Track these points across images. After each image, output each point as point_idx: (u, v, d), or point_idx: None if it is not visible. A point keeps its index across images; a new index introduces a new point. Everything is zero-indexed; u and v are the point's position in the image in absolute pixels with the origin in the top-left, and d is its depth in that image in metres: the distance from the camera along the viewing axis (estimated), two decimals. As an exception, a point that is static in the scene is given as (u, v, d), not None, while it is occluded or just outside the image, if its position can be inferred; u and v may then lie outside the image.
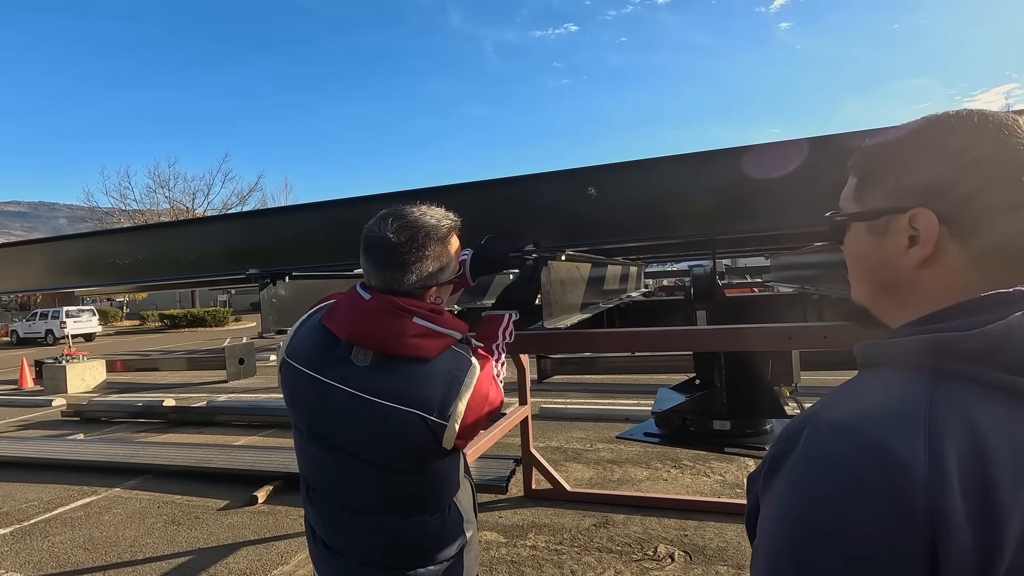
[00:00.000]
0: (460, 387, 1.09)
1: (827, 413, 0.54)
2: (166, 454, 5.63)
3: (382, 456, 1.11)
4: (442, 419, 1.07)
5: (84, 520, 4.31)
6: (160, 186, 35.04)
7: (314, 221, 1.81)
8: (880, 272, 0.63)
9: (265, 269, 1.76)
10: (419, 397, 1.07)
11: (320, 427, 1.14)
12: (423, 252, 1.12)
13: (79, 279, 1.99)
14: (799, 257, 3.25)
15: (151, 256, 1.88)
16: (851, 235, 0.66)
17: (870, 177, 0.64)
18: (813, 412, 0.55)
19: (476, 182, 1.55)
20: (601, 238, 1.48)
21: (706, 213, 1.44)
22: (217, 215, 3.98)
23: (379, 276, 1.13)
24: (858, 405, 0.53)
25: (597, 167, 1.42)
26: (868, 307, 0.67)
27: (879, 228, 0.62)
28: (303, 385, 1.13)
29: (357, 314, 1.11)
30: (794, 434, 0.55)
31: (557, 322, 1.58)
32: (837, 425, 0.52)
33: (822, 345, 1.60)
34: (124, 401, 8.77)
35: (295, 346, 1.18)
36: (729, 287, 6.65)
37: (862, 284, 0.67)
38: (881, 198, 0.62)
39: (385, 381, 1.08)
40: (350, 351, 1.10)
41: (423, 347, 1.09)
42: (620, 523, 3.72)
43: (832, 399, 0.56)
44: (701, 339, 1.67)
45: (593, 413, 6.50)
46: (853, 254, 0.67)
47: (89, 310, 26.66)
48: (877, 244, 0.62)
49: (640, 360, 7.24)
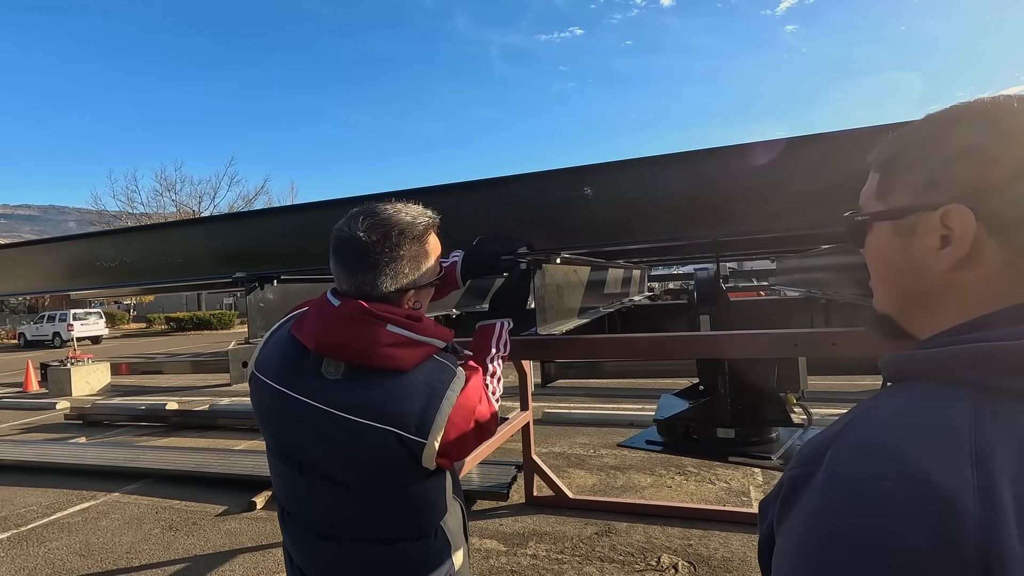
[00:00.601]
0: (440, 400, 1.00)
1: (855, 432, 0.47)
2: (166, 458, 5.60)
3: (356, 478, 1.02)
4: (420, 436, 0.97)
5: (81, 525, 4.28)
6: (167, 189, 35.31)
7: (304, 223, 1.76)
8: (908, 277, 0.56)
9: (252, 272, 1.71)
10: (394, 413, 0.97)
11: (290, 446, 1.06)
12: (397, 252, 1.02)
13: (65, 283, 1.95)
14: (805, 260, 3.17)
15: (137, 259, 1.83)
16: (874, 236, 0.60)
17: (895, 171, 0.58)
18: (837, 431, 0.49)
19: (467, 182, 1.49)
20: (598, 240, 1.42)
21: (708, 214, 1.37)
22: (204, 217, 3.96)
23: (350, 280, 1.04)
24: (891, 423, 0.46)
25: (593, 166, 1.36)
26: (894, 316, 0.60)
27: (906, 228, 0.55)
28: (271, 400, 1.05)
29: (326, 323, 1.02)
30: (815, 456, 0.48)
31: (552, 328, 1.52)
32: (868, 446, 0.45)
33: (830, 352, 1.53)
34: (127, 404, 8.77)
35: (264, 358, 1.10)
36: (735, 290, 6.57)
37: (887, 290, 0.60)
38: (908, 194, 0.55)
39: (357, 395, 0.99)
40: (320, 363, 1.02)
41: (398, 357, 1.00)
42: (623, 531, 3.64)
43: (859, 416, 0.49)
44: (703, 346, 1.60)
45: (597, 418, 6.42)
46: (877, 257, 0.61)
47: (96, 312, 26.81)
48: (904, 245, 0.56)
49: (645, 364, 7.12)
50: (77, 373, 10.81)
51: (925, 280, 0.55)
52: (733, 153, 1.32)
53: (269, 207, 14.41)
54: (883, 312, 0.62)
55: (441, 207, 1.18)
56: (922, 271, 0.55)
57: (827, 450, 0.48)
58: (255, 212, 1.96)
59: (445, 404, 1.00)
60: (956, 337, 0.50)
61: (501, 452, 4.94)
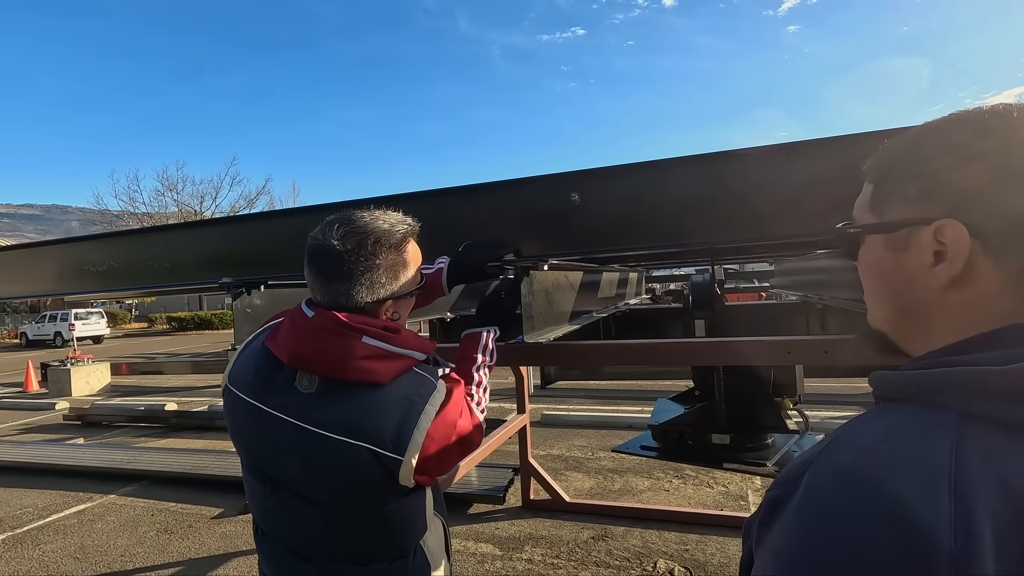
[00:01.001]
0: (419, 415, 0.96)
1: (831, 456, 0.46)
2: (163, 460, 5.59)
3: (330, 496, 0.98)
4: (396, 453, 0.94)
5: (77, 528, 4.27)
6: (168, 189, 35.34)
7: (292, 228, 1.74)
8: (901, 293, 0.54)
9: (239, 278, 1.69)
10: (369, 428, 0.94)
11: (262, 462, 1.02)
12: (373, 261, 0.99)
13: (53, 287, 1.93)
14: (803, 263, 3.15)
15: (125, 263, 1.81)
16: (867, 250, 0.58)
17: (889, 183, 0.55)
18: (815, 453, 0.47)
19: (454, 188, 1.47)
20: (586, 247, 1.39)
21: (700, 221, 1.35)
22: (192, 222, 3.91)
23: (325, 290, 1.00)
24: (869, 448, 0.45)
25: (580, 172, 1.33)
26: (887, 332, 0.58)
27: (899, 242, 0.53)
28: (244, 415, 1.02)
29: (299, 334, 0.99)
30: (794, 477, 0.47)
31: (540, 335, 1.50)
32: (842, 472, 0.43)
33: (822, 360, 1.51)
34: (126, 405, 8.77)
35: (237, 370, 1.07)
36: (735, 291, 6.53)
37: (880, 306, 0.58)
38: (902, 207, 0.53)
39: (332, 410, 0.95)
40: (294, 376, 0.98)
41: (374, 370, 0.96)
42: (619, 536, 3.62)
43: (838, 439, 0.47)
44: (695, 352, 1.58)
45: (596, 420, 6.40)
46: (870, 272, 0.58)
47: (98, 312, 26.84)
48: (897, 261, 0.53)
49: (644, 367, 7.10)
50: (77, 373, 10.82)
51: (918, 297, 0.52)
52: (725, 159, 1.29)
53: (256, 212, 14.36)
54: (876, 328, 0.59)
55: (425, 214, 1.15)
56: (915, 288, 0.52)
57: (804, 472, 0.46)
58: (243, 217, 1.95)
59: (423, 419, 0.96)
60: (945, 359, 0.48)
61: (498, 455, 4.91)
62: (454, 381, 1.08)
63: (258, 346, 1.07)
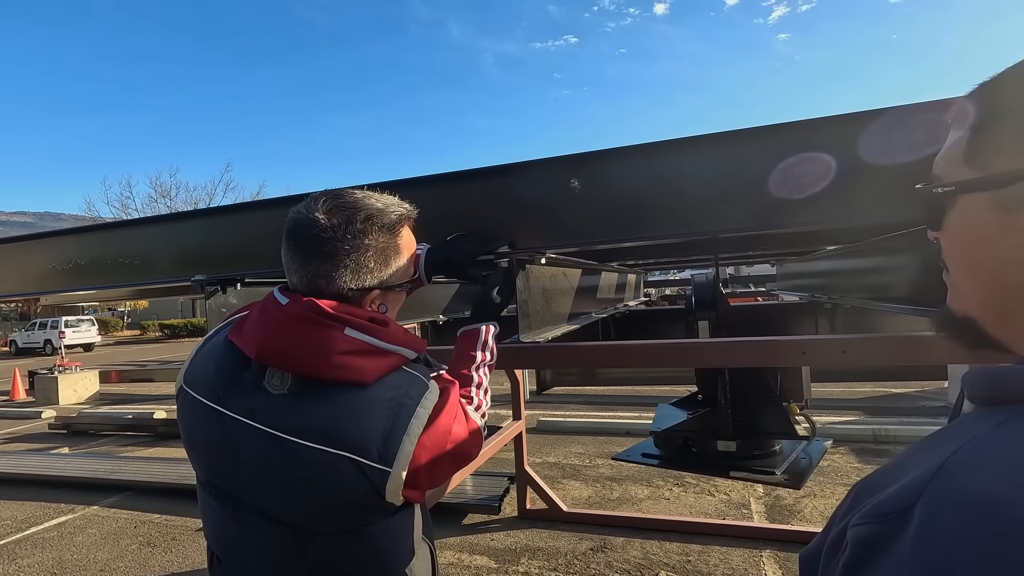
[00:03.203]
0: (409, 419, 0.83)
1: (961, 481, 0.33)
2: (149, 470, 5.43)
3: (303, 517, 0.84)
4: (383, 464, 0.80)
5: (56, 541, 4.11)
6: (162, 195, 35.06)
7: (270, 220, 1.61)
8: (1011, 267, 0.42)
9: (213, 275, 1.57)
10: (351, 435, 0.80)
11: (222, 478, 0.88)
12: (362, 240, 0.86)
13: (11, 287, 1.80)
14: (807, 264, 3.05)
15: (90, 261, 1.69)
16: (960, 213, 0.46)
17: (995, 124, 0.43)
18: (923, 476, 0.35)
19: (442, 174, 1.35)
20: (586, 238, 1.28)
21: (707, 208, 1.24)
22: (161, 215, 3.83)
23: (302, 271, 0.87)
24: (1013, 468, 0.33)
25: (579, 155, 1.22)
26: (980, 319, 0.46)
27: (1012, 200, 0.41)
28: (201, 420, 0.87)
29: (270, 324, 0.85)
30: (896, 509, 0.35)
31: (537, 335, 1.39)
32: (988, 503, 0.31)
33: (840, 361, 1.40)
34: (114, 413, 8.57)
35: (194, 369, 0.92)
36: (732, 296, 6.44)
37: (976, 286, 0.46)
38: (1017, 155, 0.41)
39: (307, 414, 0.82)
40: (262, 374, 0.84)
41: (357, 367, 0.83)
42: (619, 547, 3.49)
43: (961, 458, 0.35)
44: (701, 354, 1.47)
45: (593, 426, 6.27)
46: (963, 242, 0.46)
47: (88, 320, 26.55)
48: (1008, 224, 0.42)
49: (644, 371, 6.98)
50: (65, 381, 10.62)
51: None
52: (733, 140, 1.19)
53: (232, 203, 14.12)
54: (965, 314, 0.47)
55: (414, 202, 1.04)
56: None
57: (915, 503, 0.34)
58: (216, 209, 1.83)
59: (415, 424, 0.83)
60: None
61: (494, 463, 4.79)
62: (448, 382, 0.95)
63: (220, 341, 0.93)
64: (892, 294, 1.73)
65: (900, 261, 1.69)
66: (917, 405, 6.61)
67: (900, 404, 6.72)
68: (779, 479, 2.15)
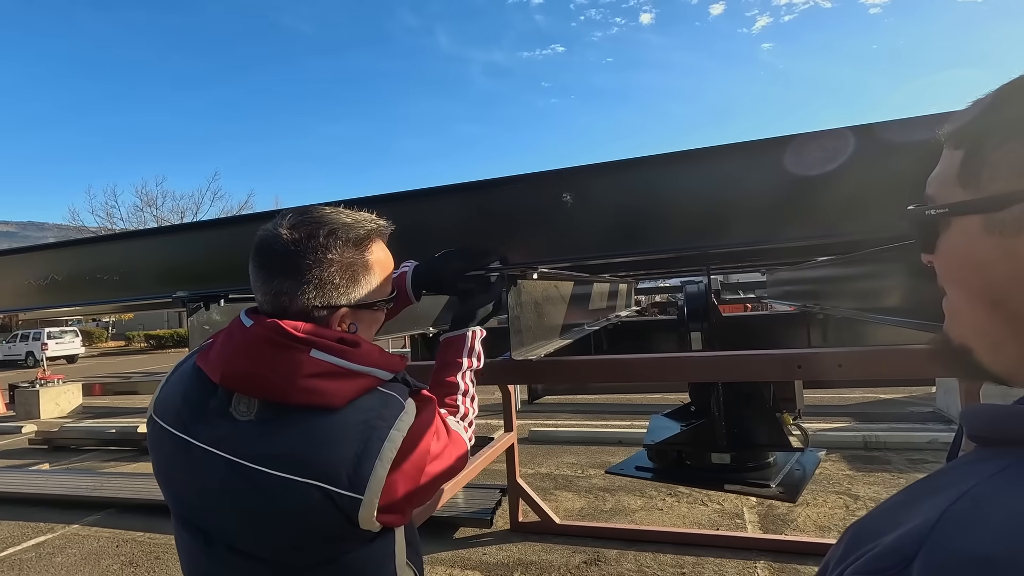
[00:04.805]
0: (382, 443, 0.78)
1: (965, 534, 0.31)
2: (132, 486, 5.30)
3: (273, 550, 0.80)
4: (354, 491, 0.76)
5: (34, 562, 3.99)
6: (148, 205, 34.56)
7: (253, 235, 1.58)
8: (1009, 293, 0.40)
9: (196, 291, 1.53)
10: (320, 462, 0.77)
11: (192, 509, 0.85)
12: (326, 255, 0.82)
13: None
14: (799, 272, 3.06)
15: (68, 276, 1.64)
16: (954, 236, 0.44)
17: (989, 144, 0.41)
18: (932, 524, 0.32)
19: (431, 188, 1.32)
20: (579, 253, 1.26)
21: (699, 222, 1.22)
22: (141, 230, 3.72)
23: (266, 289, 0.83)
24: (1018, 523, 0.30)
25: (572, 169, 1.20)
26: (977, 349, 0.44)
27: (1008, 224, 0.39)
28: (170, 451, 0.84)
29: (234, 348, 0.82)
30: (896, 564, 0.32)
31: (530, 352, 1.36)
32: (984, 561, 0.29)
33: (836, 374, 1.38)
34: (97, 427, 8.39)
35: (163, 397, 0.89)
36: (721, 303, 6.45)
37: (970, 312, 0.44)
38: (1012, 176, 0.39)
39: (273, 441, 0.78)
40: (229, 400, 0.81)
41: (325, 391, 0.79)
42: (613, 559, 3.45)
43: (967, 505, 0.33)
44: (697, 368, 1.45)
45: (585, 436, 6.24)
46: (957, 266, 0.44)
47: (72, 331, 26.11)
48: (1004, 248, 0.39)
49: (646, 383, 6.94)
50: (46, 395, 10.38)
51: None
52: (725, 154, 1.18)
53: (215, 218, 13.94)
54: (961, 342, 0.45)
55: (397, 217, 1.01)
56: None
57: (914, 557, 0.31)
58: (198, 224, 1.79)
59: (387, 448, 0.79)
60: None
61: (486, 475, 4.72)
62: (426, 399, 0.90)
63: (188, 368, 0.89)
64: (884, 304, 1.72)
65: (892, 271, 1.68)
66: (906, 411, 6.66)
67: (889, 410, 6.76)
68: (774, 492, 2.14)
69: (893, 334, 1.84)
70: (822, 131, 1.13)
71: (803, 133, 1.12)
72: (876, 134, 1.10)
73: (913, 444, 5.22)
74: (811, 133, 1.13)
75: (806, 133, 1.13)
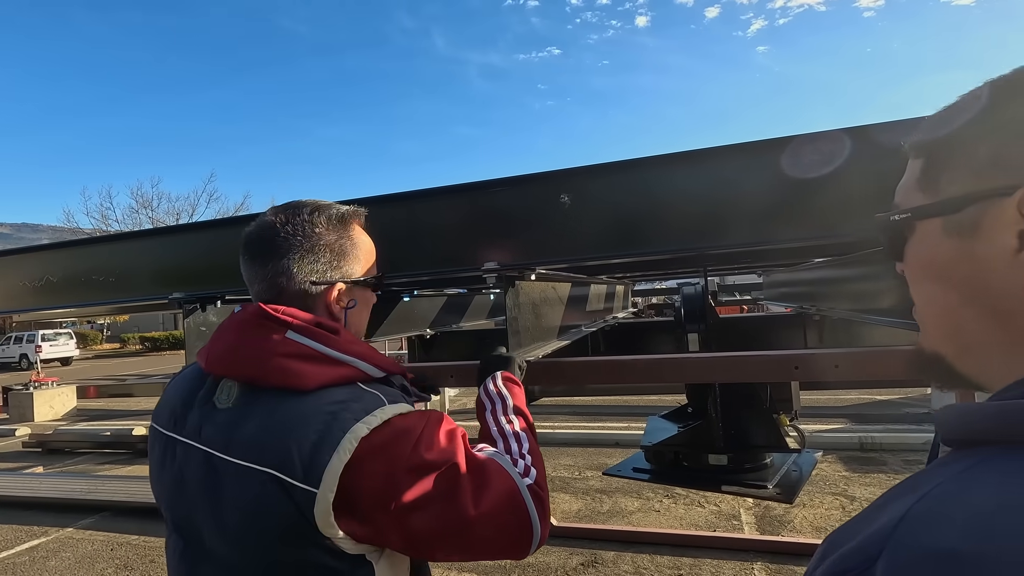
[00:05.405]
0: (343, 434, 0.70)
1: (926, 531, 0.31)
2: (127, 489, 5.27)
3: (241, 551, 0.73)
4: (308, 484, 0.69)
5: (28, 566, 3.96)
6: (143, 206, 34.41)
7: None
8: (970, 295, 0.41)
9: (192, 293, 1.52)
10: (277, 449, 0.70)
11: (175, 510, 0.81)
12: (312, 230, 0.84)
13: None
14: (796, 274, 3.07)
15: (63, 278, 1.63)
16: (918, 242, 0.44)
17: (945, 151, 0.42)
18: (895, 523, 0.33)
19: (432, 189, 1.32)
20: (576, 254, 1.26)
21: (697, 224, 1.23)
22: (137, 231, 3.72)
23: (261, 275, 0.84)
24: (982, 520, 0.31)
25: (570, 170, 1.21)
26: (948, 354, 0.44)
27: (965, 225, 0.40)
28: (160, 452, 0.83)
29: (220, 332, 0.83)
30: (860, 564, 0.32)
31: (528, 352, 1.36)
32: (951, 558, 0.29)
33: (833, 375, 1.39)
34: (91, 430, 8.34)
35: (162, 403, 0.88)
36: (718, 304, 6.47)
37: (938, 318, 0.44)
38: (967, 179, 0.40)
39: (242, 428, 0.74)
40: (214, 390, 0.80)
41: (295, 372, 0.75)
42: (610, 561, 3.45)
43: (929, 504, 0.33)
44: (695, 369, 1.45)
45: (582, 438, 6.24)
46: (923, 271, 0.45)
47: (66, 333, 25.93)
48: (964, 250, 0.40)
49: (644, 384, 6.92)
50: (40, 397, 10.31)
51: (998, 297, 0.39)
52: (722, 155, 1.18)
53: (210, 219, 13.81)
54: (933, 350, 0.45)
55: (403, 217, 1.01)
56: (992, 285, 0.39)
57: (878, 557, 0.32)
58: (195, 225, 1.78)
59: (347, 439, 0.69)
60: None
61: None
62: (429, 411, 0.85)
63: (189, 370, 0.90)
64: (880, 305, 1.73)
65: (888, 273, 1.69)
66: (901, 412, 6.68)
67: (885, 411, 6.79)
68: (771, 493, 2.14)
69: (889, 335, 1.85)
70: (818, 133, 1.13)
71: (799, 135, 1.12)
72: (871, 136, 1.11)
73: (909, 445, 5.24)
74: (807, 135, 1.14)
75: (802, 135, 1.14)
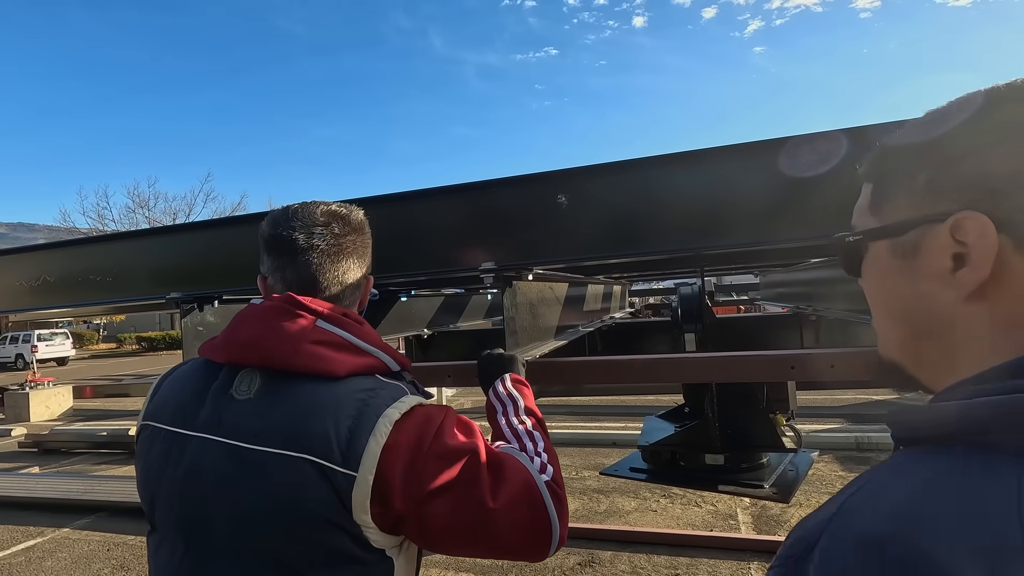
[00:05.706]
0: (377, 418, 0.72)
1: (851, 520, 0.36)
2: (123, 489, 5.26)
3: (267, 542, 0.71)
4: (348, 468, 0.69)
5: (24, 567, 3.95)
6: (140, 206, 34.25)
7: (248, 236, 1.58)
8: (914, 310, 0.45)
9: (189, 292, 1.52)
10: (314, 434, 0.71)
11: (181, 514, 0.76)
12: (362, 238, 0.92)
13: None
14: (792, 274, 3.08)
15: (60, 278, 1.63)
16: (871, 261, 0.48)
17: (891, 179, 0.46)
18: (832, 514, 0.37)
19: (430, 189, 1.33)
20: (573, 254, 1.26)
21: (694, 224, 1.23)
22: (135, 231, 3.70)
23: (300, 275, 0.84)
24: (905, 507, 0.35)
25: (567, 170, 1.21)
26: (901, 362, 0.48)
27: (908, 246, 0.44)
28: (161, 452, 0.78)
29: (241, 321, 0.81)
30: (801, 552, 0.37)
31: (525, 352, 1.36)
32: (873, 542, 0.34)
33: (828, 375, 1.39)
34: (87, 430, 8.33)
35: (159, 401, 0.85)
36: (715, 305, 6.47)
37: (891, 329, 0.48)
38: (907, 204, 0.44)
39: (271, 416, 0.74)
40: (231, 381, 0.78)
41: (327, 357, 0.76)
42: (607, 561, 3.46)
43: (858, 497, 0.38)
44: (691, 369, 1.45)
45: (579, 438, 6.25)
46: (876, 287, 0.49)
47: (63, 333, 25.86)
48: (906, 269, 0.44)
49: (641, 384, 6.92)
50: (36, 397, 10.28)
51: (936, 313, 0.43)
52: (720, 156, 1.18)
53: (208, 219, 13.80)
54: (890, 359, 0.49)
55: (397, 218, 1.01)
56: (931, 301, 0.43)
57: (815, 545, 0.36)
58: (191, 225, 1.78)
59: (382, 422, 0.72)
60: (986, 386, 0.38)
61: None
62: (439, 405, 0.85)
63: (189, 366, 0.88)
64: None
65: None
66: (898, 412, 6.70)
67: (881, 411, 6.81)
68: (768, 492, 2.15)
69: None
70: (815, 133, 1.14)
71: (797, 135, 1.13)
72: (869, 136, 1.11)
73: (905, 445, 5.26)
74: (805, 135, 1.14)
75: (800, 135, 1.14)
